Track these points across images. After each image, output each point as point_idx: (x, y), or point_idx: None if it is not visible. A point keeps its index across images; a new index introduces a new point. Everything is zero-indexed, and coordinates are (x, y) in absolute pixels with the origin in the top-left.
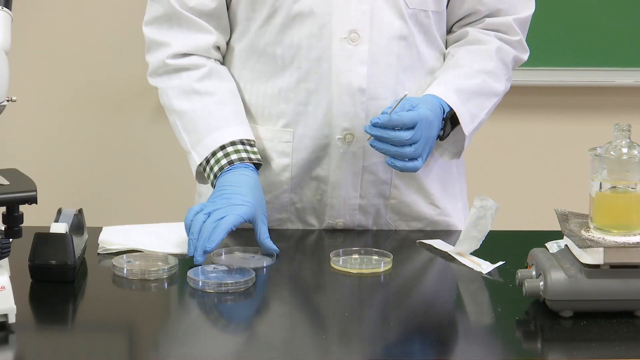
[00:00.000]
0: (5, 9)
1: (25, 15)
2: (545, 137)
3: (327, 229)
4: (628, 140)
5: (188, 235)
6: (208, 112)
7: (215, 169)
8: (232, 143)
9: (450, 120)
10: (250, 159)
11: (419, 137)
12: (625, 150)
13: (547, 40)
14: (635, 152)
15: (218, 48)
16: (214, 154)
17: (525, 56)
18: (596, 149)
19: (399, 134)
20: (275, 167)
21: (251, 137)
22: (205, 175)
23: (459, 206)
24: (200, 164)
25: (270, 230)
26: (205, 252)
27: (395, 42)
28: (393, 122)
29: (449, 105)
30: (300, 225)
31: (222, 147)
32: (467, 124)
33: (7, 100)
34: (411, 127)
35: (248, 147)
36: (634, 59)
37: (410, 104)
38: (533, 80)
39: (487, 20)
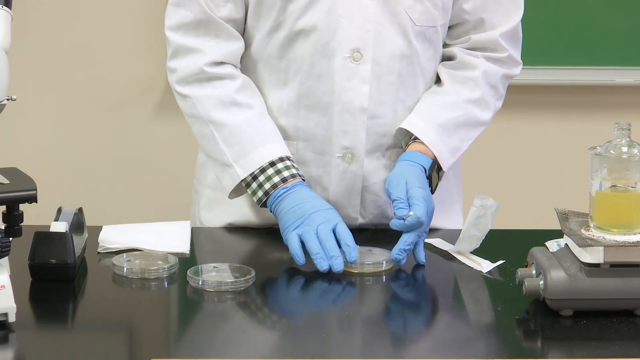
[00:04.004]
0: (5, 8)
1: (25, 14)
2: (545, 136)
3: None
4: (628, 139)
5: (315, 255)
6: (251, 125)
7: (267, 186)
8: (281, 159)
9: (438, 167)
10: (300, 175)
11: (429, 214)
12: (625, 149)
13: (547, 39)
14: (635, 151)
15: (240, 54)
16: (262, 170)
17: (516, 70)
18: (596, 147)
19: (420, 229)
20: None
21: (288, 153)
22: (250, 191)
23: (456, 208)
24: (244, 179)
25: (270, 229)
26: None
27: (397, 61)
28: (413, 227)
29: (430, 159)
30: None
31: (272, 164)
32: (445, 159)
33: (7, 99)
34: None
35: (295, 164)
36: (634, 57)
37: (405, 184)
38: (533, 79)
39: (474, 37)
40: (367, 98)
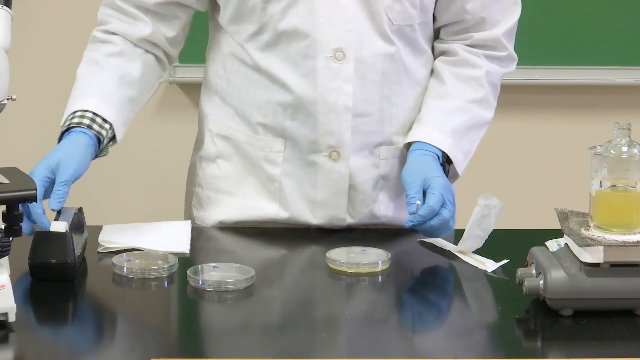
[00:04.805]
0: (5, 7)
1: (25, 14)
2: (545, 135)
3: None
4: (628, 139)
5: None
6: (83, 82)
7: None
8: (74, 112)
9: (446, 158)
10: (89, 126)
11: (451, 202)
12: (625, 149)
13: (547, 39)
14: (635, 150)
15: (154, 44)
16: (65, 121)
17: (513, 67)
18: (596, 147)
19: (442, 219)
20: (265, 176)
21: (102, 113)
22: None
23: None
24: None
25: (270, 229)
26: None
27: (381, 59)
28: (428, 217)
29: (441, 150)
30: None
31: (74, 113)
32: (460, 163)
33: (7, 99)
34: (442, 205)
35: (98, 120)
36: (634, 57)
37: (423, 179)
38: (533, 79)
39: (475, 36)
40: (351, 97)
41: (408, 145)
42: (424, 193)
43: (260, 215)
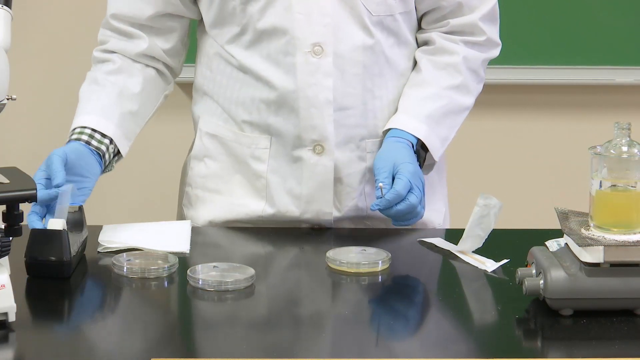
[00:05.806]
0: (5, 7)
1: (25, 14)
2: (545, 135)
3: (321, 227)
4: (628, 139)
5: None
6: (83, 101)
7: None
8: (75, 128)
9: (422, 145)
10: (88, 142)
11: (419, 189)
12: (625, 148)
13: (547, 39)
14: (635, 150)
15: (153, 58)
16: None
17: (496, 52)
18: (596, 147)
19: (409, 204)
20: (252, 173)
21: (101, 128)
22: None
23: (440, 208)
24: None
25: (270, 229)
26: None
27: (360, 52)
28: (394, 201)
29: (416, 137)
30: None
31: (74, 130)
32: (436, 150)
33: (7, 99)
34: (409, 190)
35: (97, 135)
36: (634, 57)
37: (393, 165)
38: (533, 79)
39: (452, 22)
40: (332, 91)
41: (386, 133)
42: (393, 179)
43: (248, 212)
